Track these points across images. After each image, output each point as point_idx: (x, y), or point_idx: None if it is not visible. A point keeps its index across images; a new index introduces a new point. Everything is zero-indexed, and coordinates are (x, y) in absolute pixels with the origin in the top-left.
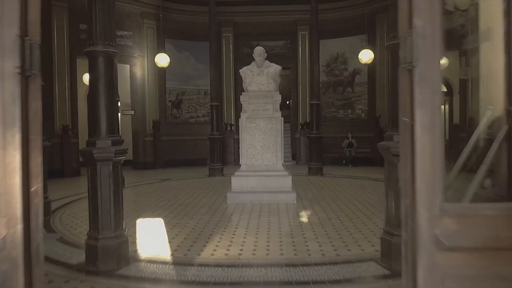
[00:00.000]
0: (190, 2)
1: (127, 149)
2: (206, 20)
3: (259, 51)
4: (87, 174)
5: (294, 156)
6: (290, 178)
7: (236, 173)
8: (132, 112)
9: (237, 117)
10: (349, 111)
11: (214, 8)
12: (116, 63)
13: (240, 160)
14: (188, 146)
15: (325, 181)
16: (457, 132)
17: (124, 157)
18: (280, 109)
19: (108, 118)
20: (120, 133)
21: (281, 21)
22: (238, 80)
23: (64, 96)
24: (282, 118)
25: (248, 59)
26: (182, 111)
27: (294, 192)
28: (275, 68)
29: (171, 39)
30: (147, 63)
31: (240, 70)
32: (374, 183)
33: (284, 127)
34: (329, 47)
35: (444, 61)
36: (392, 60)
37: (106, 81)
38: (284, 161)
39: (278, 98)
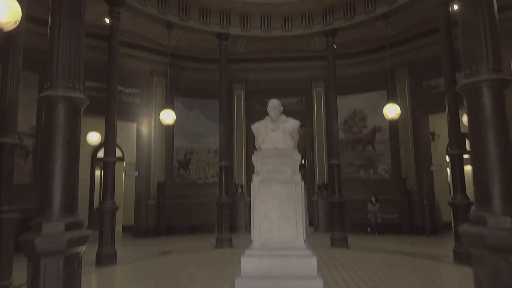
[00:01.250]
0: (201, 60)
1: (89, 235)
2: (218, 77)
3: (274, 104)
4: (27, 272)
5: (311, 222)
6: (314, 260)
7: (246, 252)
8: (136, 174)
9: (249, 177)
10: (371, 171)
11: (225, 65)
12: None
13: (252, 234)
14: (195, 210)
15: (352, 256)
16: None
17: (84, 247)
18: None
19: (64, 190)
20: (122, 196)
21: (295, 78)
22: (250, 139)
23: None
24: (303, 182)
25: (261, 116)
26: (189, 172)
27: (320, 278)
28: (292, 123)
29: (180, 97)
30: (155, 121)
31: (252, 126)
32: (410, 259)
33: None
34: (347, 104)
35: None
36: (471, 105)
37: (66, 138)
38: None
39: (297, 157)
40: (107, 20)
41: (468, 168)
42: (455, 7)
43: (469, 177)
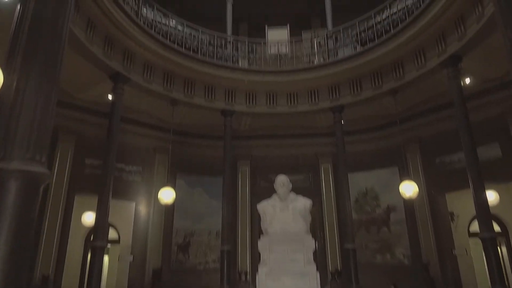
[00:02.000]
0: (206, 137)
1: None
2: (222, 154)
3: (282, 181)
4: None
5: None
6: None
7: None
8: (131, 258)
9: (254, 262)
10: (388, 255)
11: (230, 141)
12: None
13: None
14: None
15: None
16: None
17: None
18: None
19: None
20: (113, 285)
21: (302, 154)
22: (255, 219)
23: (52, 238)
24: (318, 274)
25: (267, 194)
26: (189, 256)
27: None
28: (303, 202)
29: (183, 174)
30: (154, 200)
31: (258, 206)
32: None
33: None
34: (356, 181)
35: None
36: None
37: (17, 223)
38: None
39: (311, 243)
40: (110, 97)
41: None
42: (467, 81)
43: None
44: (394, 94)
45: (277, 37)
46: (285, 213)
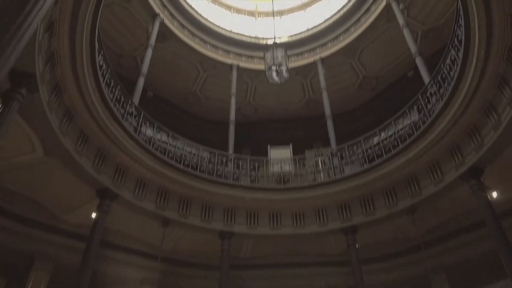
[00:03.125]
0: (200, 266)
1: None
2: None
3: None
4: None
5: None
6: None
7: None
8: None
9: None
10: None
11: (227, 271)
12: None
13: None
14: None
15: None
16: None
17: None
18: None
19: None
20: None
21: (311, 286)
22: None
23: None
24: None
25: None
26: None
27: None
28: None
29: None
30: None
31: None
32: None
33: None
34: None
35: None
36: None
37: None
38: None
39: None
40: (93, 215)
41: None
42: (494, 194)
43: None
44: (412, 213)
45: (280, 155)
46: None
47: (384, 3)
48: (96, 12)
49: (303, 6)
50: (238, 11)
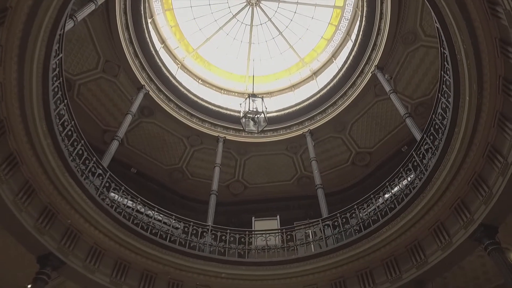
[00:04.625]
0: None
1: None
2: None
3: None
4: None
5: None
6: None
7: None
8: None
9: None
10: None
11: None
12: None
13: None
14: None
15: None
16: None
17: None
18: None
19: None
20: None
21: None
22: None
23: None
24: None
25: None
26: None
27: None
28: None
29: None
30: None
31: None
32: None
33: None
34: None
35: None
36: None
37: None
38: None
39: None
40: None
41: None
42: None
43: None
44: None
45: (266, 227)
46: None
47: (369, 76)
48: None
49: (292, 87)
50: (228, 92)
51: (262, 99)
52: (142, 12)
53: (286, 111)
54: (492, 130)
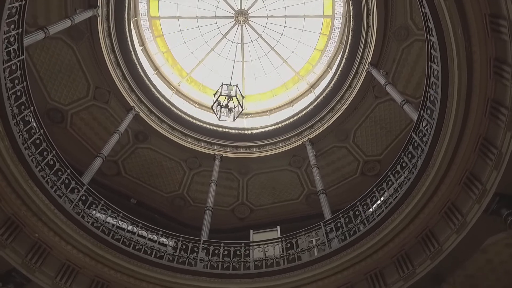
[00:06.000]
0: None
1: None
2: None
3: None
4: None
5: None
6: None
7: None
8: None
9: None
10: None
11: None
12: None
13: None
14: None
15: None
16: None
17: None
18: None
19: None
20: None
21: None
22: None
23: None
24: None
25: None
26: None
27: None
28: None
29: None
30: None
31: None
32: None
33: None
34: None
35: None
36: None
37: None
38: None
39: None
40: None
41: None
42: None
43: None
44: (439, 283)
45: (265, 238)
46: None
47: (364, 75)
48: None
49: (290, 103)
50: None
51: (236, 86)
52: (128, 34)
53: (284, 123)
54: (489, 81)
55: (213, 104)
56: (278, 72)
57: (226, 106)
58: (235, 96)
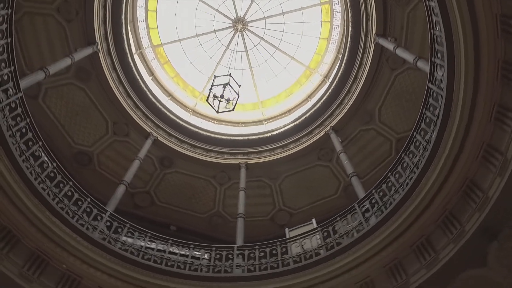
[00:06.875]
0: None
1: None
2: None
3: None
4: None
5: None
6: None
7: None
8: None
9: None
10: None
11: None
12: None
13: None
14: None
15: None
16: None
17: None
18: None
19: None
20: None
21: None
22: None
23: None
24: None
25: None
26: None
27: None
28: None
29: None
30: None
31: None
32: None
33: None
34: None
35: None
36: None
37: None
38: None
39: None
40: None
41: None
42: None
43: None
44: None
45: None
46: None
47: (373, 47)
48: None
49: (308, 98)
50: (246, 123)
51: (230, 75)
52: (132, 64)
53: (303, 117)
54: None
55: (208, 97)
56: (288, 70)
57: (222, 96)
58: (228, 83)
